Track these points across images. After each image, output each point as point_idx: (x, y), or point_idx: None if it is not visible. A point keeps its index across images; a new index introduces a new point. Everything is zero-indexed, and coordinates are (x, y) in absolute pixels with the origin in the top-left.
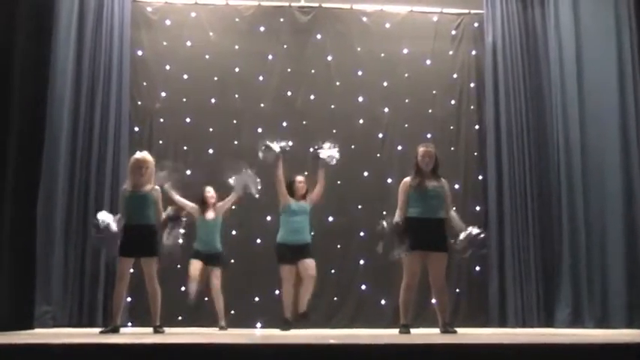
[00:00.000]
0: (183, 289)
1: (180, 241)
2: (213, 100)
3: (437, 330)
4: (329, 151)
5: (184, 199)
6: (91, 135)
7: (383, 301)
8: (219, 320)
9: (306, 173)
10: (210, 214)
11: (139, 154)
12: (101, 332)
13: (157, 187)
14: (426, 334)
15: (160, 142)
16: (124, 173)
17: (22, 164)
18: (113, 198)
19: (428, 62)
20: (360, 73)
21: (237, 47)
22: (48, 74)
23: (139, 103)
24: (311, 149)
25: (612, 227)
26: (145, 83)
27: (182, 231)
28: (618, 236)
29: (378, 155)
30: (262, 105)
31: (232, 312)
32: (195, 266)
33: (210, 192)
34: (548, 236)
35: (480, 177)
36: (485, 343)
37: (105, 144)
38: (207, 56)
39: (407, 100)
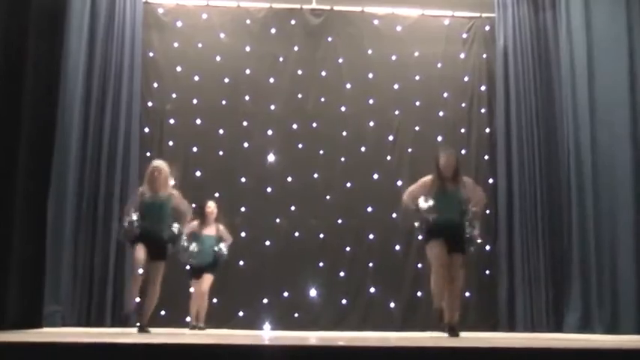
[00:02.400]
0: (192, 289)
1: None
2: (223, 102)
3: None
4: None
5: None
6: (102, 135)
7: (392, 304)
8: (198, 321)
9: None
10: (209, 230)
11: (157, 163)
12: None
13: (173, 191)
14: (437, 338)
15: (170, 143)
16: (134, 174)
17: (32, 164)
18: (123, 198)
19: (439, 65)
20: (370, 75)
21: (248, 49)
22: (59, 75)
23: (150, 104)
24: None
25: (623, 232)
26: (155, 84)
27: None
28: (629, 241)
29: (389, 158)
30: (273, 107)
31: (240, 313)
32: (196, 287)
33: (210, 207)
34: (558, 240)
35: (491, 180)
36: (493, 347)
37: (115, 144)
38: (218, 58)
39: (417, 103)
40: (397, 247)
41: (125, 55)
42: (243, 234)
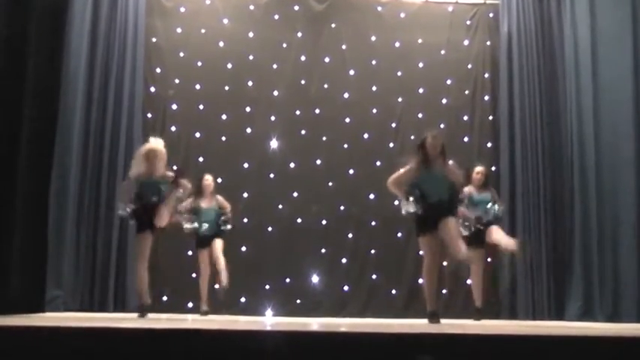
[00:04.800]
0: (194, 275)
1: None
2: (226, 88)
3: (460, 321)
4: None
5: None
6: (104, 121)
7: (394, 291)
8: (221, 282)
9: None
10: (207, 202)
11: (153, 144)
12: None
13: (169, 173)
14: (437, 325)
15: (173, 128)
16: None
17: (35, 149)
18: None
19: (442, 52)
20: (374, 62)
21: (251, 35)
22: (62, 60)
23: (153, 89)
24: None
25: (625, 220)
26: (158, 70)
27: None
28: (630, 229)
29: (391, 145)
30: (276, 93)
31: (242, 299)
32: (205, 259)
33: (208, 180)
34: (560, 228)
35: (493, 168)
36: (495, 334)
37: (118, 130)
38: (221, 43)
39: (421, 90)
40: (399, 234)
41: (128, 41)
42: (245, 220)
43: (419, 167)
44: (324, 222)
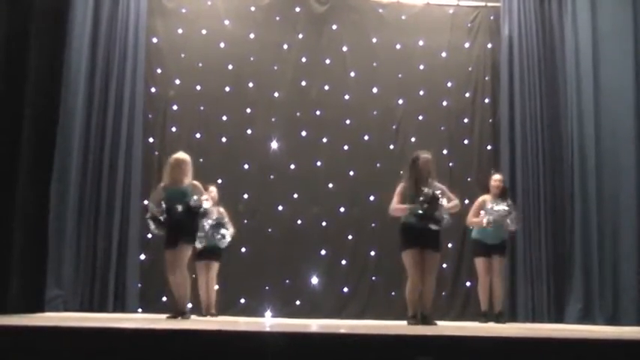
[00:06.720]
0: (193, 275)
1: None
2: (227, 89)
3: (451, 323)
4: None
5: None
6: (105, 121)
7: (393, 293)
8: (210, 309)
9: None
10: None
11: (178, 155)
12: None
13: (194, 182)
14: (438, 327)
15: (173, 129)
16: (137, 159)
17: (35, 149)
18: (125, 183)
19: (443, 54)
20: (375, 64)
21: (252, 36)
22: (63, 60)
23: (153, 90)
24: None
25: (625, 223)
26: (159, 71)
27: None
28: (630, 232)
29: (392, 147)
30: (276, 94)
31: (242, 301)
32: (201, 272)
33: (213, 192)
34: (560, 231)
35: (492, 170)
36: (494, 336)
37: (118, 130)
38: (222, 45)
39: (421, 92)
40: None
41: (129, 41)
42: (245, 221)
43: (409, 188)
44: (324, 223)
